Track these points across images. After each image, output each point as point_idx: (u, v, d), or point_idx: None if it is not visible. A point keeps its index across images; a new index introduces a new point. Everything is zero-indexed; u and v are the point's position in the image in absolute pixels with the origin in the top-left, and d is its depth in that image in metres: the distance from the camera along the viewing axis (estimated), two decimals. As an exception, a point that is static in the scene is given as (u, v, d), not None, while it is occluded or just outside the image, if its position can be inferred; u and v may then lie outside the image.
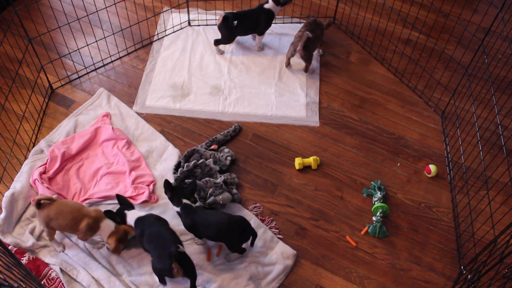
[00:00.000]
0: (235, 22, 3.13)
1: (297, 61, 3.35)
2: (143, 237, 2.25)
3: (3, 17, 3.48)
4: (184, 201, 2.34)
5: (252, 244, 2.41)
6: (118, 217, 2.34)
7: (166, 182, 2.35)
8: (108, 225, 2.29)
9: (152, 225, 2.26)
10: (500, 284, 2.09)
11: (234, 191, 2.65)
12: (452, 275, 2.49)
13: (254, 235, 2.36)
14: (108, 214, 2.31)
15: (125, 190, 2.63)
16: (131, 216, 2.31)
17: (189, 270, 2.21)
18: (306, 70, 3.26)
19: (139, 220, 2.29)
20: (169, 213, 2.57)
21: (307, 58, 3.17)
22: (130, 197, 2.59)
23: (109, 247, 2.28)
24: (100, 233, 2.30)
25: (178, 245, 2.15)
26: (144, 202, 2.60)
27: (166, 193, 2.38)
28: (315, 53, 3.36)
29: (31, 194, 2.56)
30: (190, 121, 3.00)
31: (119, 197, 2.38)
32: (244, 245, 2.40)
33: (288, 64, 3.29)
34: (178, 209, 2.34)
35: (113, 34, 3.32)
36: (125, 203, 2.38)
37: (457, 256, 2.55)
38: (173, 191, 2.36)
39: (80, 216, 2.26)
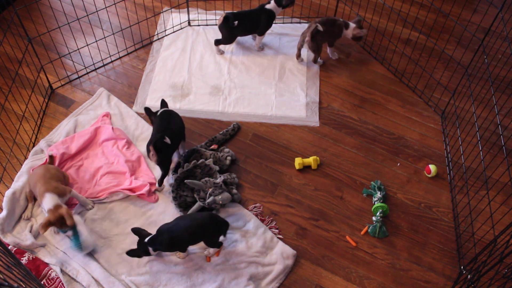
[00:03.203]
0: (236, 22, 3.14)
1: (297, 60, 3.35)
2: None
3: (3, 17, 3.48)
4: (147, 240, 2.29)
5: (224, 234, 2.36)
6: (153, 116, 2.66)
7: (136, 230, 2.34)
8: (48, 199, 2.29)
9: (167, 116, 2.62)
10: (500, 284, 2.09)
11: (234, 191, 2.65)
12: (452, 275, 2.49)
13: (226, 225, 2.35)
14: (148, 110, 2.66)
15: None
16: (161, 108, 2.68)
17: (163, 161, 2.52)
18: (314, 60, 3.31)
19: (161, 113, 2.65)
20: (169, 212, 2.57)
21: (315, 49, 3.22)
22: (130, 189, 2.60)
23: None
24: (42, 202, 2.31)
25: (165, 136, 2.45)
26: (144, 201, 2.61)
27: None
28: (330, 55, 3.40)
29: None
30: (190, 121, 3.00)
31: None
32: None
33: (298, 56, 3.33)
34: (150, 250, 2.31)
35: (113, 34, 3.32)
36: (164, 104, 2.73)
37: (457, 256, 2.56)
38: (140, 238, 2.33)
39: (34, 182, 2.38)
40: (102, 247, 2.43)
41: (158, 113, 2.65)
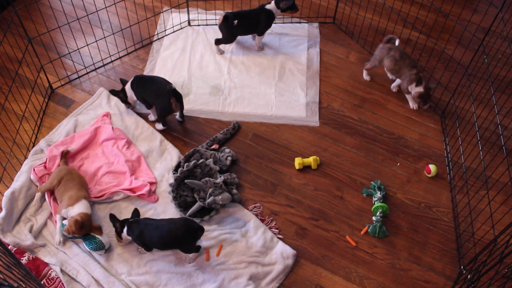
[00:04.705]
0: (236, 21, 3.14)
1: (298, 61, 3.35)
2: (144, 96, 2.83)
3: (3, 17, 3.48)
4: (130, 220, 2.36)
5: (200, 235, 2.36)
6: (121, 93, 2.90)
7: (112, 217, 2.38)
8: (83, 205, 2.37)
9: (146, 82, 2.81)
10: (500, 284, 2.09)
11: (234, 191, 2.65)
12: (452, 275, 2.49)
13: (201, 230, 2.33)
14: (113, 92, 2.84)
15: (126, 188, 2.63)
16: (128, 86, 2.88)
17: (181, 104, 2.83)
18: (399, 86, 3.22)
19: (133, 82, 2.85)
20: (169, 212, 2.58)
21: (398, 69, 3.07)
22: (130, 190, 2.60)
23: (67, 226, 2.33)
24: (75, 205, 2.37)
25: (171, 84, 2.71)
26: (144, 201, 2.61)
27: (115, 226, 2.38)
28: (411, 105, 3.17)
29: (31, 193, 2.56)
30: (190, 121, 3.00)
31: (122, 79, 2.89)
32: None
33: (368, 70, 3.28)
34: (125, 231, 2.34)
35: (113, 34, 3.32)
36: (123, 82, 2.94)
37: (457, 256, 2.56)
38: (120, 221, 2.37)
39: (70, 186, 2.46)
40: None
41: (130, 83, 2.85)
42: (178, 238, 2.26)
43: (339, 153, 2.92)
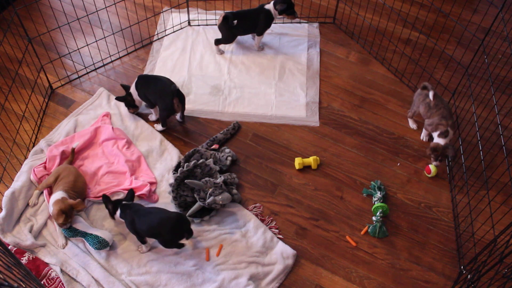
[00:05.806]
0: (235, 21, 3.14)
1: (298, 60, 3.35)
2: (147, 95, 2.83)
3: (3, 17, 3.48)
4: (123, 202, 2.38)
5: (187, 237, 2.37)
6: (128, 96, 2.89)
7: (105, 197, 2.40)
8: (58, 194, 2.38)
9: (150, 82, 2.82)
10: (500, 284, 2.09)
11: (234, 191, 2.65)
12: (452, 275, 2.49)
13: (190, 233, 2.34)
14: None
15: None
16: (133, 86, 2.88)
17: (183, 105, 2.84)
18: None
19: (137, 82, 2.85)
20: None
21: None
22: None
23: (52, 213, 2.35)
24: (51, 197, 2.40)
25: (175, 84, 2.74)
26: (145, 201, 2.61)
27: (107, 207, 2.41)
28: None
29: (31, 193, 2.56)
30: (190, 121, 3.00)
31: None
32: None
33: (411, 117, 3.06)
34: (118, 213, 2.36)
35: (113, 34, 3.32)
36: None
37: (457, 256, 2.56)
38: (113, 203, 2.39)
39: (60, 179, 2.50)
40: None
41: (135, 83, 2.85)
42: (165, 228, 2.26)
43: (339, 153, 2.92)
